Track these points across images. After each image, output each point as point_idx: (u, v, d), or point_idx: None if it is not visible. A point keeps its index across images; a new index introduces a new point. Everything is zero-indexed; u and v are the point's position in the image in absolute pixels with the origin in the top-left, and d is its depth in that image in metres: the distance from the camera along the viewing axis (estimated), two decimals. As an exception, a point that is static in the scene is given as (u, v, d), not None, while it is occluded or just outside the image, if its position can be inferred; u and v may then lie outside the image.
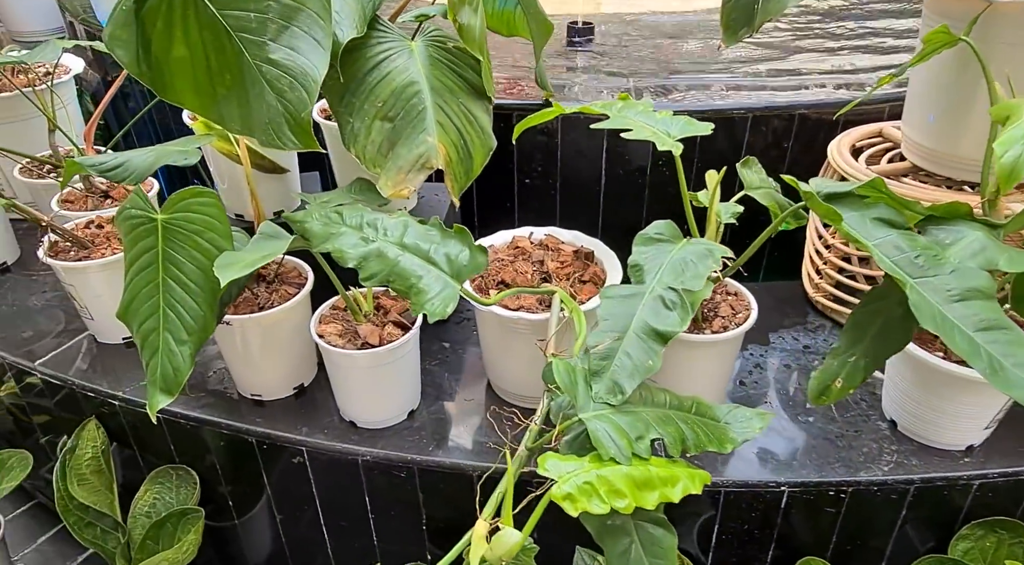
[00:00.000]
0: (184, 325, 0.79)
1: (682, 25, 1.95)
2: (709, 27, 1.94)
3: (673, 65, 1.62)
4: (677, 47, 1.77)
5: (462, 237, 0.74)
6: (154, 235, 0.78)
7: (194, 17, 0.76)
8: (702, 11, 2.09)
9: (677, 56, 1.70)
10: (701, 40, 1.83)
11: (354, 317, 0.98)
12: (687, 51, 1.73)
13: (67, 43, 1.34)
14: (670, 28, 1.93)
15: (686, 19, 2.01)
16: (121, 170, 0.92)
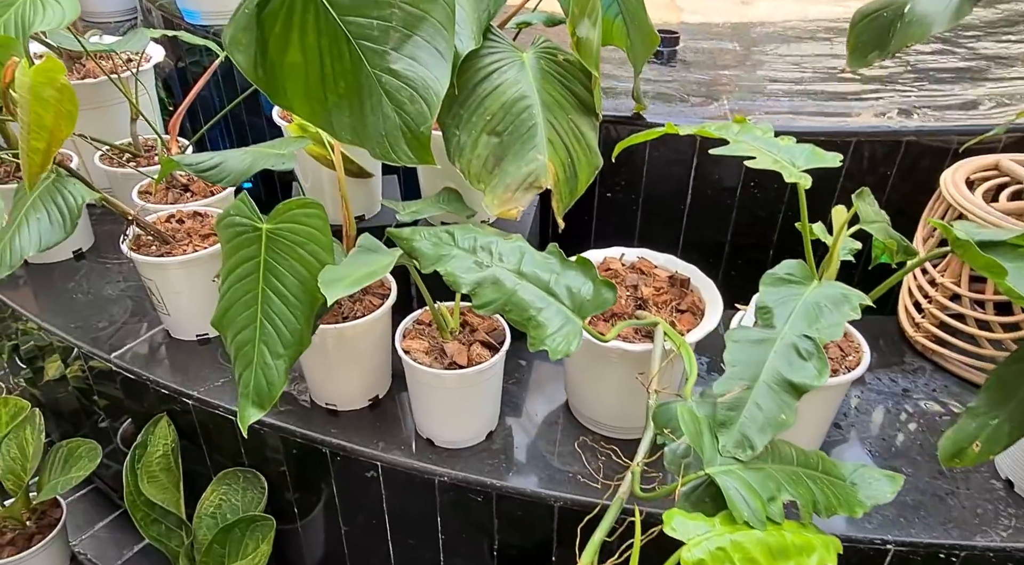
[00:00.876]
0: (281, 338, 0.76)
1: (774, 36, 1.88)
2: (800, 38, 1.86)
3: (763, 83, 1.56)
4: (767, 62, 1.70)
5: (585, 269, 0.70)
6: (257, 244, 0.76)
7: (313, 22, 0.73)
8: (796, 20, 2.01)
9: (769, 71, 1.63)
10: (794, 54, 1.76)
11: (440, 334, 0.95)
12: (779, 66, 1.67)
13: (154, 32, 1.33)
14: (761, 39, 1.86)
15: (777, 30, 1.94)
16: (217, 171, 0.90)
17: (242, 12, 0.72)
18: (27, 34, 0.97)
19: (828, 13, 2.09)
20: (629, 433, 0.99)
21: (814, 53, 1.74)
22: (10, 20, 0.99)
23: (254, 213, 0.76)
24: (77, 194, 0.93)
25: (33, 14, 0.97)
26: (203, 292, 1.15)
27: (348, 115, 0.76)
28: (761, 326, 0.67)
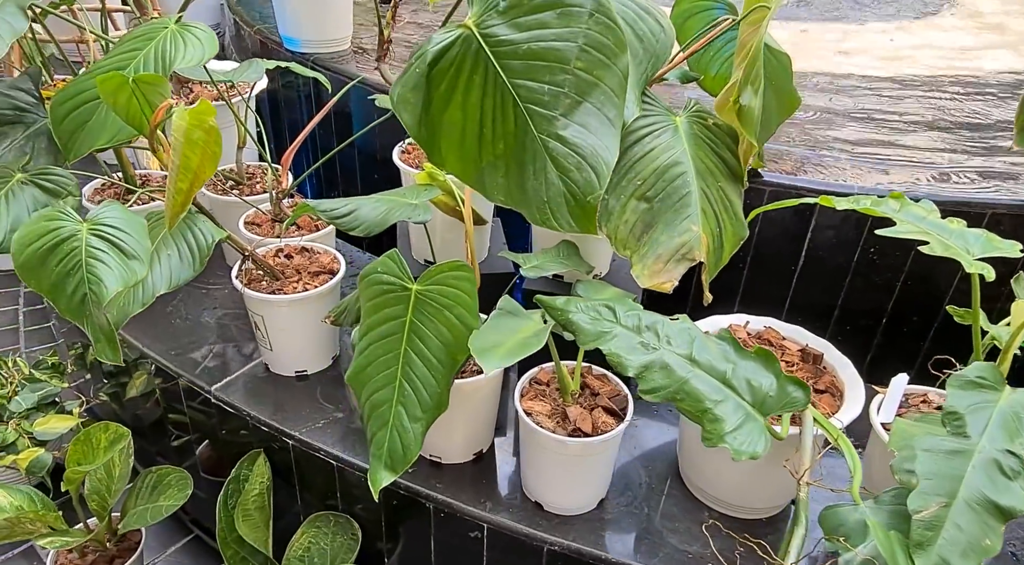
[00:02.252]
0: (420, 401, 0.74)
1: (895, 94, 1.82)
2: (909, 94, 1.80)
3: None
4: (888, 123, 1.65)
5: (766, 361, 0.67)
6: (404, 305, 0.74)
7: (480, 83, 0.71)
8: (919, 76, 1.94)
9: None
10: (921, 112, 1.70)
11: (562, 396, 0.91)
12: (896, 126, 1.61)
13: (269, 64, 1.34)
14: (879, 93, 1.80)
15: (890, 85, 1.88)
16: (350, 219, 0.89)
17: (412, 72, 0.71)
18: (168, 71, 0.97)
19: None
20: (751, 513, 0.94)
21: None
22: (150, 56, 0.99)
23: (404, 273, 0.74)
24: (207, 232, 0.93)
25: (174, 51, 0.98)
26: (309, 330, 1.14)
27: (503, 176, 0.75)
28: (952, 435, 0.62)
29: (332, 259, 1.17)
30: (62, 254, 0.76)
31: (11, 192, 0.93)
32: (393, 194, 0.94)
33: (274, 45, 1.87)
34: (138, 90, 0.89)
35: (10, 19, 0.91)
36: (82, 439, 1.16)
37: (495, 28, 0.70)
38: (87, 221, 0.79)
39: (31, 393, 1.50)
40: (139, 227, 0.79)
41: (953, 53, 2.17)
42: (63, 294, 0.76)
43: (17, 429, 1.47)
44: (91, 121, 0.99)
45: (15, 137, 1.02)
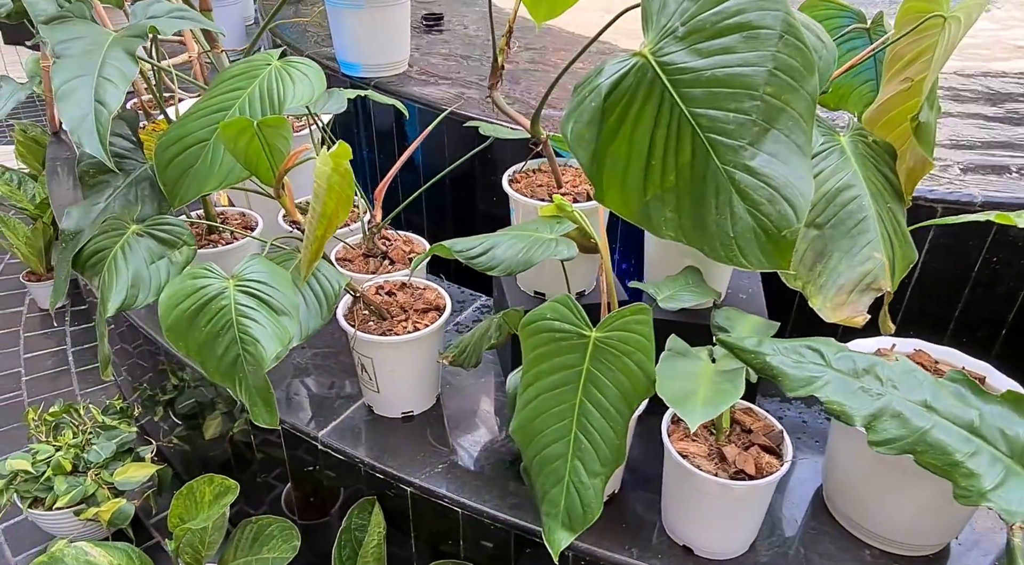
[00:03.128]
0: (599, 455, 0.69)
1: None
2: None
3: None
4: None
5: (1018, 406, 0.62)
6: (580, 353, 0.69)
7: (652, 114, 0.67)
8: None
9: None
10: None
11: (716, 435, 0.87)
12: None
13: (350, 93, 1.30)
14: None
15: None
16: (487, 259, 0.84)
17: (587, 106, 0.67)
18: (279, 110, 0.93)
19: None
20: (916, 549, 0.89)
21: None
22: (255, 94, 0.95)
23: (580, 319, 0.70)
24: (333, 278, 0.88)
25: (283, 89, 0.93)
26: (418, 370, 1.09)
27: (672, 210, 0.70)
28: None
29: (436, 295, 1.12)
30: (211, 314, 0.71)
31: (127, 245, 0.88)
32: (522, 229, 0.89)
33: (329, 70, 1.83)
34: (261, 134, 0.84)
35: (119, 64, 0.87)
36: (185, 493, 1.11)
37: (673, 55, 0.66)
38: (233, 277, 0.74)
39: (108, 442, 1.46)
40: (284, 281, 0.74)
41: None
42: (212, 355, 0.71)
43: (96, 480, 1.43)
44: (196, 166, 0.95)
45: (117, 185, 0.98)
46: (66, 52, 0.87)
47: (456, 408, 1.17)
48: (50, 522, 1.41)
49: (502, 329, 0.94)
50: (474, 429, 1.13)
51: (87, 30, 0.91)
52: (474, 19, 2.42)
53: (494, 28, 0.94)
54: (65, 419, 1.54)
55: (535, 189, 1.04)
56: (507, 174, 1.08)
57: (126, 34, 0.91)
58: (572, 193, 1.02)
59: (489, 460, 1.06)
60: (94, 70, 0.86)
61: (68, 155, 2.10)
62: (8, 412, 1.90)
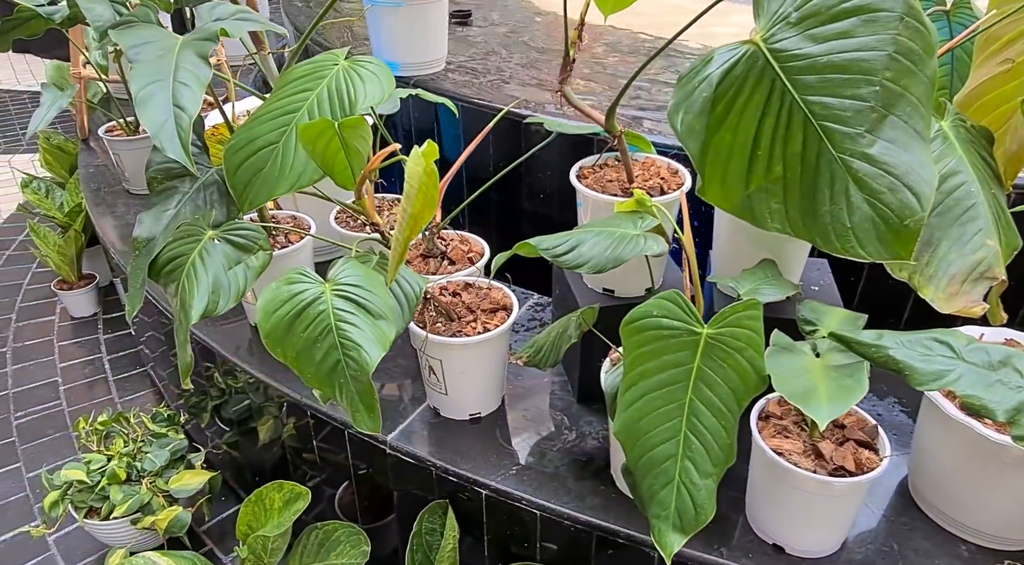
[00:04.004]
0: (710, 454, 0.68)
1: None
2: None
3: None
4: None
5: None
6: (691, 351, 0.67)
7: (759, 103, 0.65)
8: None
9: None
10: None
11: (810, 431, 0.85)
12: None
13: (402, 92, 1.29)
14: None
15: None
16: (574, 256, 0.83)
17: (697, 96, 0.65)
18: (353, 112, 0.91)
19: None
20: (1016, 544, 0.87)
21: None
22: (324, 95, 0.93)
23: (691, 315, 0.68)
24: (412, 281, 0.87)
25: (353, 89, 0.92)
26: (487, 371, 1.08)
27: (779, 202, 0.68)
28: None
29: (502, 294, 1.10)
30: (308, 319, 0.70)
31: (205, 251, 0.87)
32: (603, 225, 0.87)
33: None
34: (341, 135, 0.83)
35: (193, 68, 0.86)
36: (254, 500, 1.10)
37: (786, 42, 0.64)
38: (328, 282, 0.73)
39: (161, 449, 1.45)
40: (379, 284, 0.73)
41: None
42: (311, 361, 0.70)
43: (151, 488, 1.42)
44: (266, 169, 0.93)
45: (186, 191, 0.97)
46: (139, 57, 0.85)
47: (522, 408, 1.15)
48: (106, 532, 1.40)
49: (581, 327, 0.93)
50: (543, 429, 1.11)
51: (155, 34, 0.90)
52: (501, 13, 2.41)
53: (568, 23, 0.92)
54: (114, 428, 1.53)
55: (605, 184, 1.02)
56: (574, 170, 1.07)
57: (196, 37, 0.90)
58: (644, 187, 1.01)
59: (563, 461, 1.05)
60: (169, 75, 0.84)
61: (99, 163, 2.09)
62: (50, 421, 1.89)
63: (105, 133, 1.80)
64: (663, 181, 1.02)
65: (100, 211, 1.79)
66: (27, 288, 2.47)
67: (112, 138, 1.78)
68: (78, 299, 2.30)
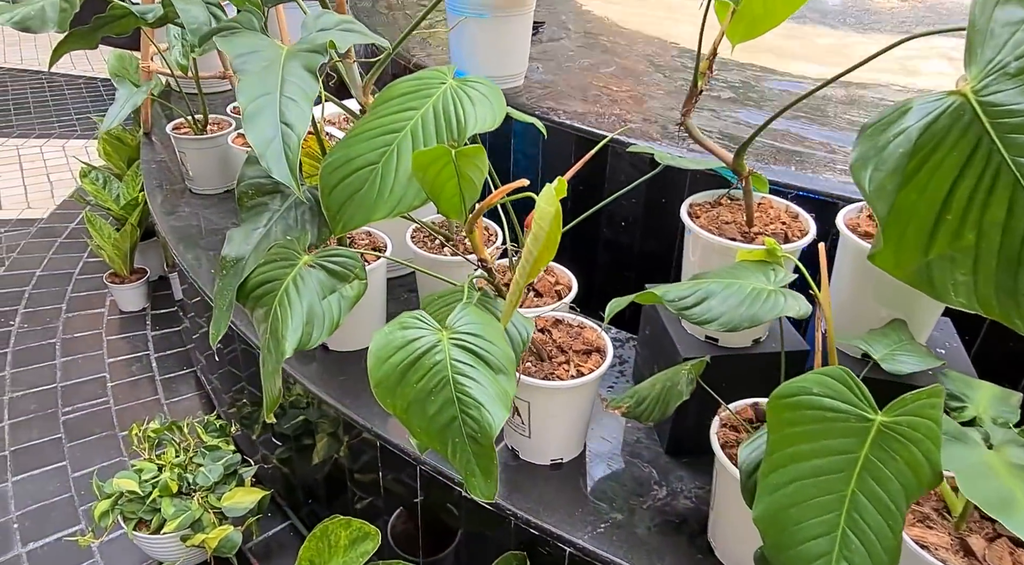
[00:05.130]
0: (872, 556, 0.60)
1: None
2: None
3: None
4: None
5: None
6: (858, 438, 0.60)
7: (958, 163, 0.57)
8: None
9: None
10: None
11: (955, 522, 0.76)
12: None
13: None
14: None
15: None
16: (702, 310, 0.75)
17: (891, 152, 0.57)
18: (462, 137, 0.85)
19: None
20: None
21: None
22: (430, 116, 0.87)
23: (863, 399, 0.60)
24: (521, 326, 0.80)
25: (462, 111, 0.85)
26: (576, 416, 1.01)
27: (967, 273, 0.60)
28: None
29: (596, 335, 1.03)
30: (423, 369, 0.63)
31: (300, 277, 0.81)
32: (731, 276, 0.80)
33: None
34: (457, 163, 0.77)
35: (300, 82, 0.80)
36: (318, 535, 1.04)
37: (1001, 95, 0.56)
38: (446, 328, 0.66)
39: (214, 463, 1.40)
40: (499, 334, 0.66)
41: None
42: (422, 415, 0.63)
43: (203, 504, 1.37)
44: (363, 190, 0.87)
45: (276, 208, 0.91)
46: (245, 67, 0.80)
47: (606, 456, 1.08)
48: (154, 546, 1.36)
49: (693, 383, 0.85)
50: (629, 482, 1.04)
51: (260, 43, 0.85)
52: (575, 25, 2.34)
53: (701, 50, 0.85)
54: (167, 435, 1.49)
55: (721, 226, 0.94)
56: (685, 207, 0.99)
57: (302, 49, 0.84)
58: (766, 233, 0.93)
59: (654, 521, 0.97)
60: (276, 88, 0.79)
61: (162, 158, 2.07)
62: (97, 419, 1.86)
63: (172, 130, 1.77)
64: (785, 227, 0.94)
65: (162, 209, 1.76)
66: (78, 278, 2.46)
67: (179, 136, 1.74)
68: (129, 293, 2.28)
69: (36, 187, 3.04)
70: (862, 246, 0.90)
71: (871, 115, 0.79)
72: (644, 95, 1.74)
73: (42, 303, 2.31)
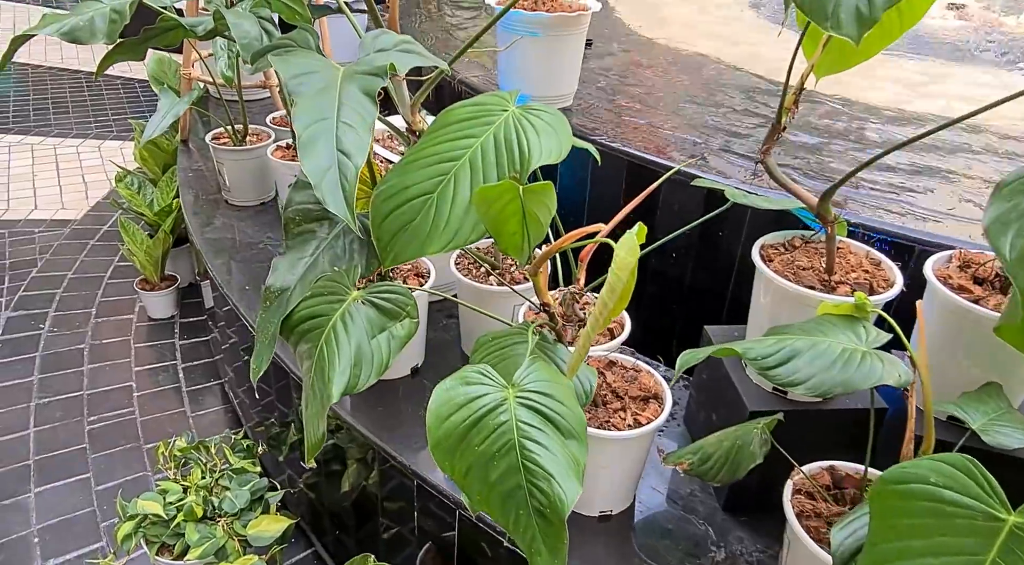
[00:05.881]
0: None
1: None
2: None
3: None
4: None
5: None
6: (984, 540, 0.53)
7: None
8: None
9: None
10: None
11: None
12: None
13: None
14: None
15: None
16: (788, 371, 0.68)
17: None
18: (527, 170, 0.79)
19: None
20: None
21: None
22: (490, 145, 0.82)
23: (994, 495, 0.53)
24: (585, 378, 0.74)
25: (526, 142, 0.79)
26: (630, 468, 0.94)
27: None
28: None
29: (653, 380, 0.97)
30: (487, 431, 0.58)
31: (348, 314, 0.76)
32: (819, 332, 0.73)
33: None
34: (524, 201, 0.71)
35: (358, 107, 0.75)
36: (349, 579, 0.98)
37: None
38: (512, 386, 0.61)
39: (240, 488, 1.35)
40: (569, 393, 0.60)
41: None
42: (482, 481, 0.57)
43: (228, 531, 1.32)
44: (417, 221, 0.82)
45: (324, 236, 0.87)
46: (300, 90, 0.75)
47: (656, 509, 1.01)
48: (176, 572, 1.31)
49: (768, 443, 0.78)
50: (684, 541, 0.97)
51: (316, 63, 0.80)
52: (621, 44, 2.29)
53: (789, 82, 0.79)
54: (193, 454, 1.44)
55: (798, 273, 0.88)
56: (757, 249, 0.92)
57: (360, 70, 0.79)
58: (848, 282, 0.86)
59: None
60: (333, 113, 0.74)
61: (198, 167, 2.04)
62: (122, 430, 1.83)
63: (211, 140, 1.74)
64: (868, 276, 0.87)
65: (198, 220, 1.73)
66: (108, 282, 2.45)
67: (218, 146, 1.71)
68: (158, 300, 2.26)
69: (71, 188, 3.05)
70: (955, 301, 0.83)
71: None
72: (700, 121, 1.68)
73: (72, 307, 2.30)
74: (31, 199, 2.95)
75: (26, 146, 3.41)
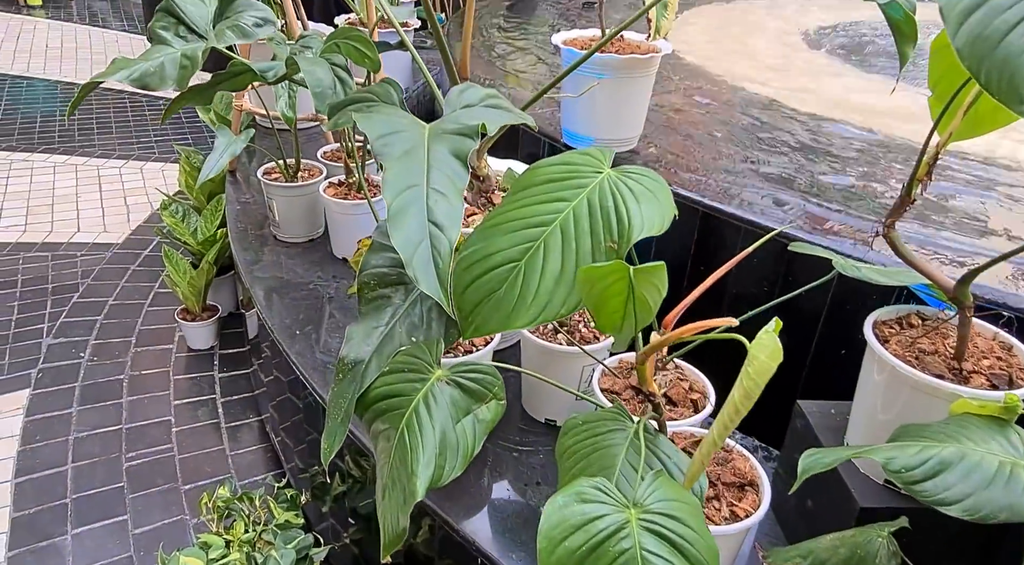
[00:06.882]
0: None
1: None
2: None
3: None
4: None
5: None
6: None
7: None
8: None
9: None
10: None
11: None
12: None
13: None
14: None
15: None
16: (936, 486, 0.60)
17: None
18: (627, 243, 0.72)
19: None
20: None
21: None
22: (583, 210, 0.74)
23: None
24: (696, 484, 0.66)
25: (625, 210, 0.71)
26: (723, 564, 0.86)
27: None
28: None
29: (749, 465, 0.88)
30: (607, 559, 0.50)
31: (432, 396, 0.70)
32: (959, 436, 0.64)
33: (548, 140, 1.66)
34: (633, 281, 0.64)
35: (448, 171, 0.69)
36: None
37: None
38: (636, 506, 0.53)
39: (286, 546, 1.29)
40: (696, 514, 0.53)
41: None
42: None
43: (271, 592, 1.26)
44: (501, 292, 0.75)
45: (400, 302, 0.80)
46: (386, 151, 0.70)
47: (745, 602, 0.92)
48: (216, 634, 1.25)
49: (897, 556, 0.69)
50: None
51: (401, 121, 0.74)
52: (677, 78, 2.22)
53: (925, 151, 0.71)
54: (235, 505, 1.39)
55: (921, 357, 0.79)
56: (870, 325, 0.84)
57: (448, 130, 0.74)
58: (983, 372, 0.77)
59: None
60: (422, 179, 0.68)
61: (246, 199, 2.01)
62: (160, 468, 1.78)
63: (263, 175, 1.70)
64: (1003, 364, 0.78)
65: (247, 256, 1.69)
66: (148, 309, 2.43)
67: (269, 181, 1.68)
68: (199, 331, 2.22)
69: (113, 210, 3.06)
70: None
71: None
72: (771, 168, 1.60)
73: (112, 335, 2.27)
74: (74, 221, 2.96)
75: (71, 167, 3.44)
